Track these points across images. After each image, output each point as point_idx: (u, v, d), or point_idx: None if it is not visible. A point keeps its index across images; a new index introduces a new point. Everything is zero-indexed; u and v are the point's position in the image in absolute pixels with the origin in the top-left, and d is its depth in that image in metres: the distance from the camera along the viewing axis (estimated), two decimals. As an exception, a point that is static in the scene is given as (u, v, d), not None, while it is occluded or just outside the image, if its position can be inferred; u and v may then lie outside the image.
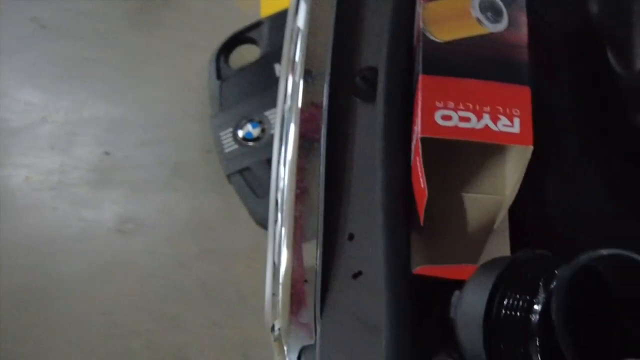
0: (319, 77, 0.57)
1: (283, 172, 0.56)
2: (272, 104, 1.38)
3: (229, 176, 1.35)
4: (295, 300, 0.48)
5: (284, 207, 0.53)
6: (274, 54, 1.40)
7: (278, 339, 0.48)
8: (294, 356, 0.47)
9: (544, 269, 0.40)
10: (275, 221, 0.56)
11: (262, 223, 1.35)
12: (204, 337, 1.33)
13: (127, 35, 1.60)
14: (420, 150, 0.45)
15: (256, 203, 1.35)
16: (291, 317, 0.47)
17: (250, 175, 1.35)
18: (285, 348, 0.47)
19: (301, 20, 0.62)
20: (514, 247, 0.50)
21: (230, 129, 1.37)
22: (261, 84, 1.41)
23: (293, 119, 0.57)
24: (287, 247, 0.51)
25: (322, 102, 0.55)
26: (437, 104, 0.46)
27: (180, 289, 1.37)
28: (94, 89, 1.55)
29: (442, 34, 0.50)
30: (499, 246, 0.50)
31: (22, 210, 1.43)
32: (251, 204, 1.35)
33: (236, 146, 1.37)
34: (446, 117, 0.45)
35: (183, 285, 1.37)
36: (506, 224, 0.51)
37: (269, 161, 1.36)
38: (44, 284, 1.36)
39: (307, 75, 0.58)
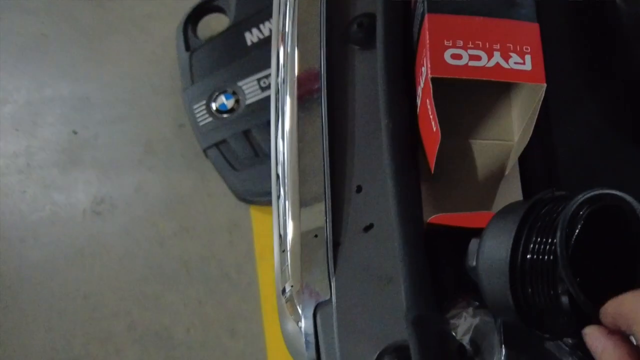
0: (313, 34, 0.53)
1: (282, 146, 0.53)
2: (245, 74, 1.35)
3: (205, 150, 1.32)
4: (306, 258, 0.46)
5: (287, 180, 0.51)
6: (243, 22, 1.36)
7: (290, 300, 0.46)
8: (309, 314, 0.44)
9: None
10: (278, 196, 0.53)
11: (243, 197, 1.32)
12: (188, 316, 1.30)
13: (82, 9, 1.52)
14: (431, 91, 0.43)
15: (235, 177, 1.32)
16: (303, 275, 0.45)
17: (227, 148, 1.32)
18: (299, 307, 0.45)
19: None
20: (525, 193, 0.49)
21: (204, 102, 1.33)
22: (232, 53, 1.36)
23: (288, 91, 0.54)
24: (293, 218, 0.49)
25: (316, 67, 0.52)
26: (446, 42, 0.43)
27: (160, 268, 1.33)
28: (54, 66, 1.47)
29: (444, -26, 0.47)
30: (511, 192, 0.49)
31: (-12, 197, 1.37)
32: (230, 178, 1.32)
33: (210, 119, 1.32)
34: (456, 56, 0.43)
35: (163, 264, 1.33)
36: (517, 170, 0.49)
37: (245, 133, 1.33)
38: (17, 271, 1.31)
39: (300, 43, 0.54)
